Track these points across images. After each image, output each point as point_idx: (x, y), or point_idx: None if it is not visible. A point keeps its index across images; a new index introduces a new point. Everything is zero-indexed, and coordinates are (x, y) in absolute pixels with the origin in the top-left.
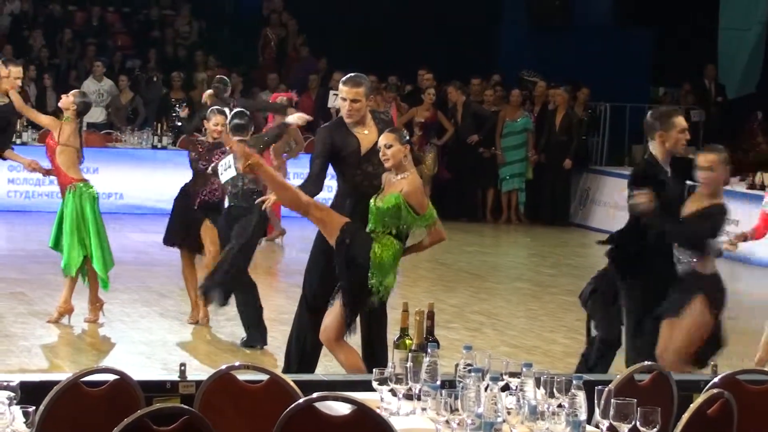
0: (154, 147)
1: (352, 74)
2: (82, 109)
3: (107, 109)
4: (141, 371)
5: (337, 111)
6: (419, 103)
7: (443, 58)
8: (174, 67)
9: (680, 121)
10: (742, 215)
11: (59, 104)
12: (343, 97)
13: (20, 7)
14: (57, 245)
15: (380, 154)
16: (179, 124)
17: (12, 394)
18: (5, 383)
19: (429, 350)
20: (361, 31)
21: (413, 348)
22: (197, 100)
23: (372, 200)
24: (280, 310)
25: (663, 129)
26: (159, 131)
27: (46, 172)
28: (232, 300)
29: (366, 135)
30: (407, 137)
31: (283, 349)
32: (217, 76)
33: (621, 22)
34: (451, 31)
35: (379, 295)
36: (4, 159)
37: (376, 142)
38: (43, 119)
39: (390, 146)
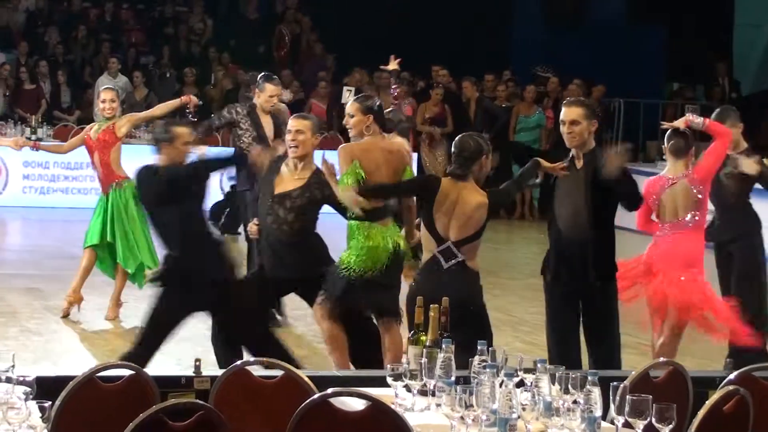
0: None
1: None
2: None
3: (122, 105)
4: (155, 367)
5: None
6: (429, 99)
7: (456, 54)
8: (187, 64)
9: None
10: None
11: (109, 114)
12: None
13: (35, 4)
14: (100, 241)
15: (344, 122)
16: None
17: (28, 389)
18: (21, 378)
19: (443, 346)
20: (375, 27)
21: (428, 344)
22: (215, 97)
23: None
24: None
25: None
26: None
27: (35, 145)
28: None
29: None
30: (372, 106)
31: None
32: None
33: (635, 17)
34: (464, 27)
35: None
36: None
37: None
38: (80, 136)
39: (352, 116)
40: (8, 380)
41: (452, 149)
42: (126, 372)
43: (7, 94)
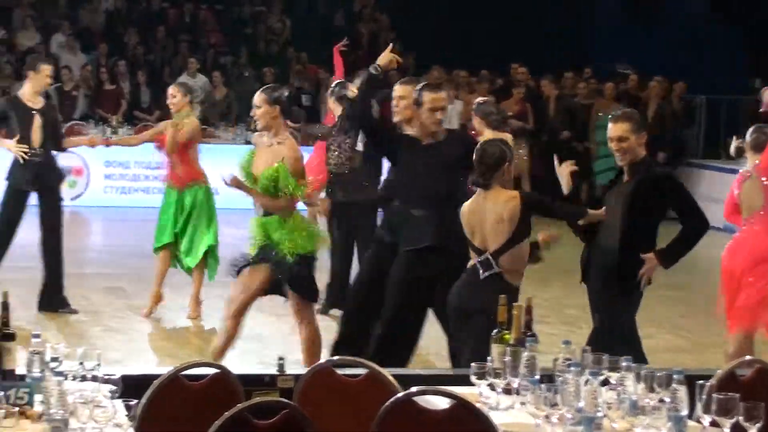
0: (247, 143)
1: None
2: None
3: (201, 105)
4: (238, 365)
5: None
6: (510, 97)
7: (535, 51)
8: (266, 63)
9: None
10: None
11: (174, 109)
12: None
13: (114, 5)
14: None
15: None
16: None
17: (114, 388)
18: (107, 377)
19: (527, 345)
20: (453, 25)
21: (512, 342)
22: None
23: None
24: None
25: None
26: (252, 127)
27: (106, 141)
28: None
29: None
30: (276, 96)
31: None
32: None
33: (716, 13)
34: (543, 24)
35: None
36: (66, 149)
37: None
38: (153, 130)
39: (259, 107)
40: (94, 379)
41: (474, 157)
42: (210, 370)
43: (88, 94)
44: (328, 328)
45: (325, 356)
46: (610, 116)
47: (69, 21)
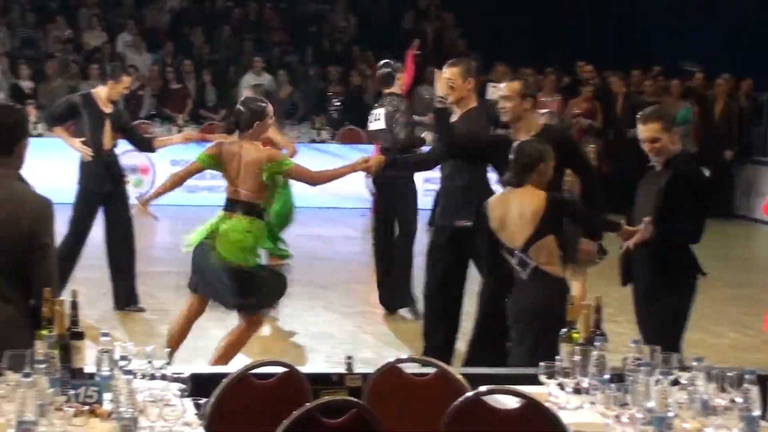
0: (312, 141)
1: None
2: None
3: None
4: (306, 364)
5: (495, 103)
6: (578, 95)
7: (600, 49)
8: (331, 62)
9: None
10: None
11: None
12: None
13: (180, 4)
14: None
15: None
16: (336, 118)
17: (183, 386)
18: (176, 375)
19: (597, 344)
20: (518, 22)
21: (581, 341)
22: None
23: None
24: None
25: None
26: (318, 125)
27: (201, 137)
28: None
29: None
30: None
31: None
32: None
33: None
34: (609, 21)
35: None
36: (157, 149)
37: None
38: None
39: None
40: (163, 377)
41: (510, 156)
42: (279, 369)
43: (154, 93)
44: (400, 329)
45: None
46: (638, 116)
47: (134, 20)
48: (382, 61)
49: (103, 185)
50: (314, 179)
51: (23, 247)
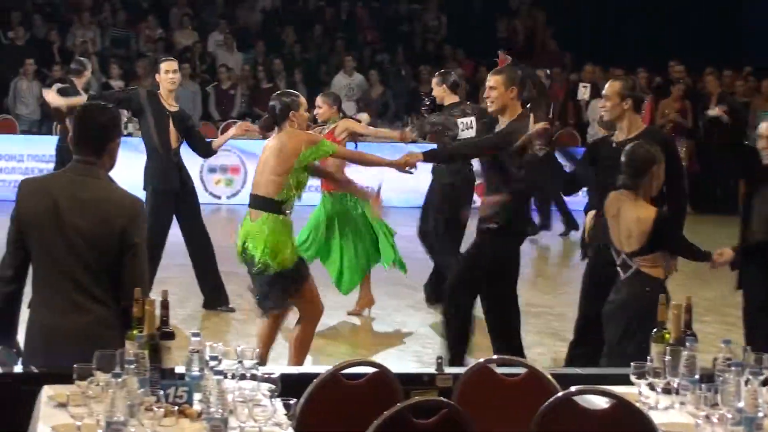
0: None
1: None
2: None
3: (358, 104)
4: (395, 364)
5: (587, 103)
6: (668, 95)
7: (692, 49)
8: (422, 61)
9: None
10: None
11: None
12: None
13: (272, 4)
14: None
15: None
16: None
17: (273, 387)
18: (266, 375)
19: (687, 344)
20: (610, 22)
21: (671, 342)
22: None
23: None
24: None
25: None
26: (408, 125)
27: (245, 128)
28: None
29: None
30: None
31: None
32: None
33: None
34: (699, 21)
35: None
36: (217, 150)
37: None
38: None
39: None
40: (254, 377)
41: (622, 158)
42: (369, 369)
43: (245, 93)
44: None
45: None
46: (765, 112)
47: (226, 20)
48: (444, 71)
49: (171, 182)
50: (363, 160)
51: (114, 247)
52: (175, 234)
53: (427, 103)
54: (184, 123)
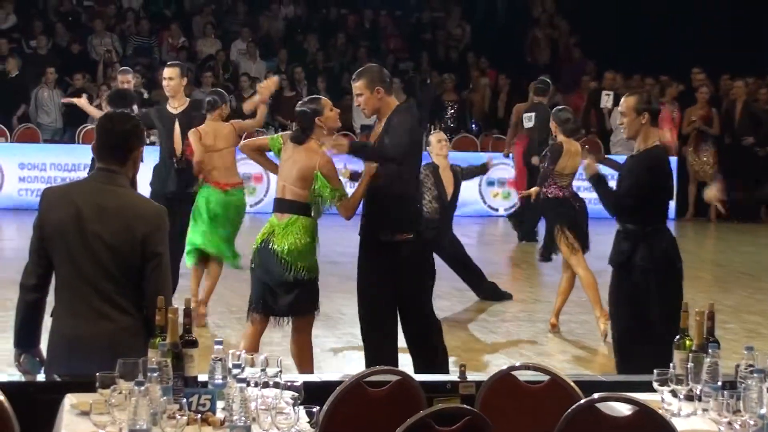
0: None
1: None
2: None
3: None
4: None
5: (610, 111)
6: (692, 102)
7: (716, 56)
8: (446, 69)
9: None
10: None
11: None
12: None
13: (294, 12)
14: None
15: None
16: (452, 125)
17: (296, 395)
18: (289, 383)
19: (710, 351)
20: (633, 30)
21: (694, 348)
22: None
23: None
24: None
25: None
26: (431, 133)
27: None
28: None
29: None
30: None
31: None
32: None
33: None
34: (723, 28)
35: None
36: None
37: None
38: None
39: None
40: (276, 385)
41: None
42: (392, 377)
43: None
44: (512, 336)
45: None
46: None
47: (249, 28)
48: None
49: (167, 186)
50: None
51: (137, 255)
52: None
53: (451, 111)
54: (195, 113)
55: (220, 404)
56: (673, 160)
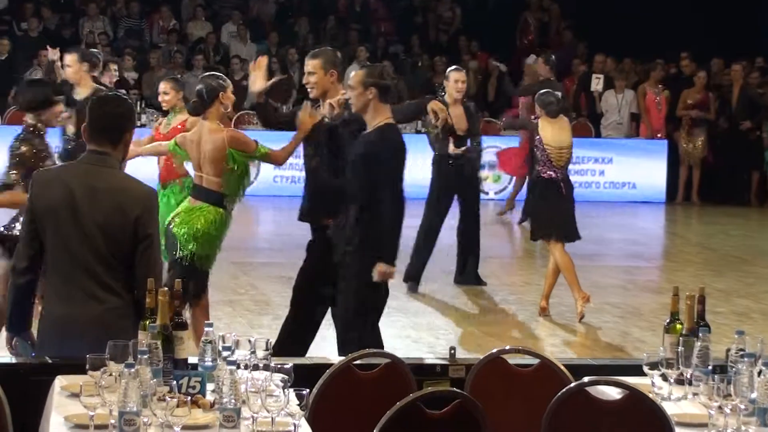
0: (417, 132)
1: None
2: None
3: None
4: (408, 355)
5: (600, 95)
6: (683, 85)
7: (704, 40)
8: (436, 53)
9: None
10: None
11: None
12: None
13: None
14: None
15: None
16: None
17: (286, 377)
18: (279, 366)
19: (700, 335)
20: (624, 13)
21: (684, 332)
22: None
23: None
24: None
25: None
26: (423, 116)
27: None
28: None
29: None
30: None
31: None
32: None
33: None
34: (712, 11)
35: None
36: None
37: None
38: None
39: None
40: (266, 368)
41: None
42: (382, 360)
43: None
44: (501, 320)
45: None
46: None
47: (239, 11)
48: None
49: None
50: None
51: (128, 237)
52: None
53: (442, 94)
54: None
55: (210, 387)
56: (663, 143)
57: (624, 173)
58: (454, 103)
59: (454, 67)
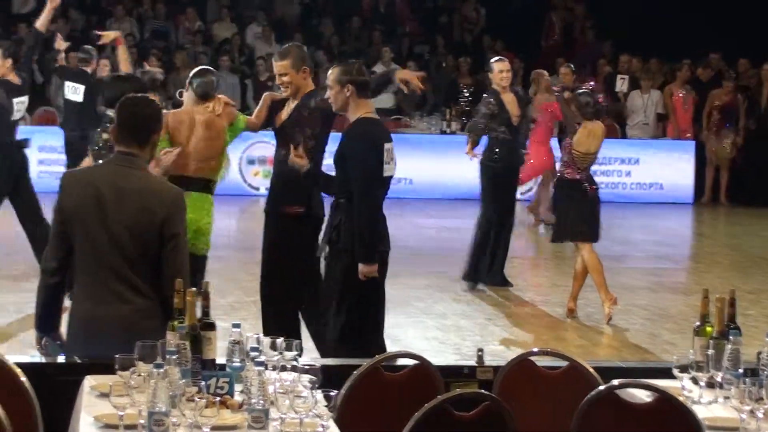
0: (443, 132)
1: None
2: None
3: (396, 95)
4: (436, 356)
5: (625, 95)
6: (711, 86)
7: (733, 39)
8: (461, 53)
9: None
10: None
11: None
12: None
13: None
14: None
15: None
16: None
17: (314, 378)
18: (307, 367)
19: (731, 337)
20: (648, 13)
21: (714, 335)
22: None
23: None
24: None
25: None
26: (448, 116)
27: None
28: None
29: None
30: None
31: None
32: None
33: None
34: (740, 10)
35: None
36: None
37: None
38: None
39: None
40: (294, 369)
41: None
42: (410, 362)
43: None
44: (529, 321)
45: None
46: None
47: (264, 12)
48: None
49: None
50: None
51: (155, 237)
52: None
53: (467, 94)
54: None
55: (238, 387)
56: (691, 144)
57: (651, 174)
58: (503, 90)
59: (497, 57)
